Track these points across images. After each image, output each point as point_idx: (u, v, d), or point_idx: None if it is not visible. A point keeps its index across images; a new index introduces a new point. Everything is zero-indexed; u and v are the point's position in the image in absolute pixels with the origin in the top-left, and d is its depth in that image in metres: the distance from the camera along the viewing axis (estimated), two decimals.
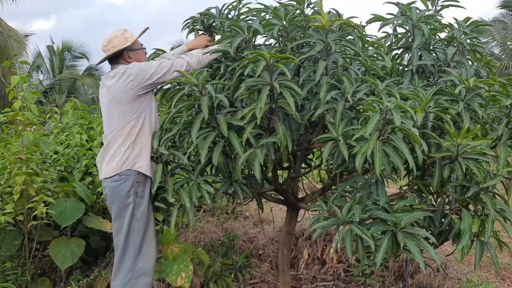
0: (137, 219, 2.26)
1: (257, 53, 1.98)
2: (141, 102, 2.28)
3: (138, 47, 2.42)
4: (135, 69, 2.25)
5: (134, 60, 2.37)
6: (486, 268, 3.76)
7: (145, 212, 2.28)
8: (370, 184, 2.01)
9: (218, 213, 4.63)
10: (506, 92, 2.03)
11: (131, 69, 2.25)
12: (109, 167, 2.25)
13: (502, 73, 13.56)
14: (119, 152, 2.23)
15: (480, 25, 2.42)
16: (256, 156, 2.03)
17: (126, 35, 2.38)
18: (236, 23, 2.28)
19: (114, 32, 2.39)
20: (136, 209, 2.26)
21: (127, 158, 2.23)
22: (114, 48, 2.34)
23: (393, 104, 1.75)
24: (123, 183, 2.22)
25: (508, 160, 1.98)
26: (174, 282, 2.57)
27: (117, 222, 2.28)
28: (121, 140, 2.24)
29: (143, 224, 2.28)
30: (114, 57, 2.36)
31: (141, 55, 2.44)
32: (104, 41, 2.38)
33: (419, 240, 1.80)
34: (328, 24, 1.99)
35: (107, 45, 2.35)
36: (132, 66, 2.27)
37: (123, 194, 2.22)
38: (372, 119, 1.77)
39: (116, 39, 2.35)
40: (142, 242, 2.29)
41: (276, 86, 1.92)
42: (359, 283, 3.32)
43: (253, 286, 3.23)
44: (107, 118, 2.33)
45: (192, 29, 2.64)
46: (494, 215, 1.88)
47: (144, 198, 2.28)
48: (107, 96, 2.30)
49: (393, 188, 3.18)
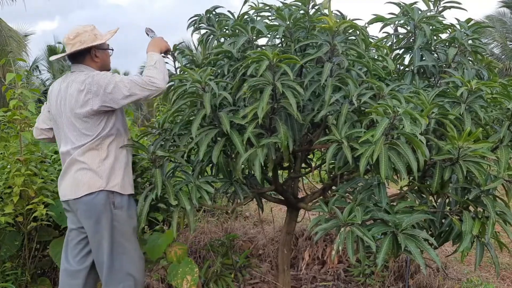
0: (118, 231, 2.08)
1: (260, 52, 1.97)
2: (107, 114, 2.06)
3: (106, 47, 2.22)
4: (94, 88, 2.00)
5: (100, 60, 2.17)
6: (486, 268, 3.76)
7: (126, 223, 2.10)
8: (372, 185, 2.01)
9: (218, 213, 4.63)
10: (508, 93, 2.03)
11: (90, 86, 2.01)
12: (75, 190, 2.04)
13: (504, 74, 13.56)
14: (86, 173, 2.02)
15: (482, 27, 2.41)
16: (257, 155, 2.02)
17: (95, 31, 2.15)
18: (240, 23, 2.27)
19: (82, 26, 2.14)
20: (115, 221, 2.06)
21: (99, 178, 2.02)
22: (81, 43, 2.08)
23: (402, 110, 1.74)
24: (97, 195, 2.02)
25: (510, 162, 1.98)
26: (179, 285, 2.50)
27: (96, 238, 2.06)
28: (88, 157, 2.04)
29: (127, 236, 2.12)
30: (77, 54, 2.12)
31: (108, 56, 2.24)
32: (69, 33, 2.11)
33: (419, 242, 1.80)
34: (335, 26, 1.98)
35: (74, 39, 2.09)
36: (92, 82, 2.01)
37: (99, 207, 2.02)
38: (381, 124, 1.75)
39: (85, 34, 2.10)
40: (128, 253, 2.12)
41: (278, 86, 1.92)
42: (359, 283, 3.32)
43: (253, 286, 3.23)
44: (67, 131, 2.08)
45: (198, 27, 2.61)
46: (495, 217, 1.89)
47: (123, 208, 2.09)
48: (69, 104, 2.05)
49: (393, 189, 3.18)
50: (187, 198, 2.13)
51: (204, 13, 2.57)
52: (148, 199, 2.14)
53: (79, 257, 2.19)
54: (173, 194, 2.12)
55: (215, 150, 2.10)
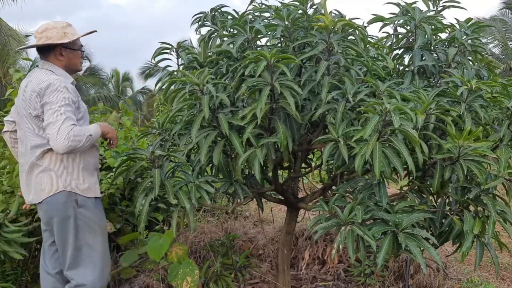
0: (83, 231, 2.04)
1: (258, 53, 1.98)
2: None
3: (76, 47, 2.13)
4: (43, 97, 1.92)
5: (65, 60, 2.10)
6: (486, 268, 3.76)
7: (92, 222, 2.06)
8: (372, 185, 2.01)
9: (218, 213, 4.63)
10: (507, 93, 2.03)
11: (42, 91, 1.92)
12: (38, 194, 2.01)
13: (506, 74, 13.57)
14: (46, 175, 1.99)
15: (481, 26, 2.41)
16: (256, 156, 2.03)
17: (67, 30, 2.08)
18: (239, 23, 2.27)
19: (55, 22, 2.10)
20: (79, 220, 2.02)
21: (58, 179, 1.98)
22: (47, 39, 2.04)
23: (392, 106, 1.75)
24: (57, 195, 1.99)
25: (509, 161, 1.98)
26: (179, 286, 2.51)
27: (61, 238, 2.03)
28: (46, 160, 1.99)
29: (93, 235, 2.07)
30: (43, 48, 2.08)
31: (76, 56, 2.15)
32: (40, 27, 2.08)
33: (420, 241, 1.80)
34: (331, 25, 1.99)
35: (41, 33, 2.05)
36: (45, 89, 1.92)
37: (60, 206, 1.99)
38: (371, 121, 1.77)
39: (54, 30, 2.05)
40: (93, 252, 2.08)
41: (276, 86, 1.92)
42: (359, 283, 3.32)
43: (253, 286, 3.23)
44: (26, 130, 2.02)
45: (202, 25, 2.61)
46: (495, 216, 1.89)
47: (87, 208, 2.05)
48: (24, 104, 2.00)
49: (393, 189, 3.17)
50: (187, 198, 2.13)
51: (209, 11, 2.56)
52: (148, 199, 2.13)
53: (53, 260, 2.21)
54: (173, 193, 2.12)
55: (215, 152, 2.10)
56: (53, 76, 2.01)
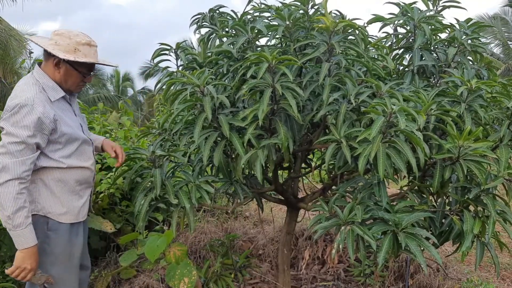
0: (47, 256, 1.80)
1: (259, 54, 1.97)
2: None
3: (79, 69, 1.85)
4: (3, 117, 1.70)
5: (60, 75, 1.84)
6: (486, 268, 3.76)
7: (60, 248, 1.83)
8: (372, 184, 2.01)
9: (218, 213, 4.63)
10: (507, 93, 2.03)
11: (12, 103, 1.69)
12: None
13: (506, 74, 13.58)
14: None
15: (481, 26, 2.41)
16: (258, 157, 2.03)
17: (81, 47, 1.82)
18: (239, 23, 2.27)
19: (79, 33, 1.86)
20: (46, 244, 1.80)
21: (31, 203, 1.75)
22: (55, 45, 1.80)
23: (398, 107, 1.75)
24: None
25: (510, 161, 1.98)
26: (176, 287, 2.48)
27: None
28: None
29: (57, 263, 1.83)
30: (45, 51, 1.83)
31: (74, 78, 1.87)
32: (61, 29, 1.87)
33: (420, 240, 1.80)
34: (332, 26, 1.99)
35: (55, 36, 1.83)
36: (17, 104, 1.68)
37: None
38: (377, 122, 1.76)
39: (67, 40, 1.81)
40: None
41: (278, 88, 1.92)
42: (359, 283, 3.32)
43: (253, 286, 3.23)
44: None
45: (200, 25, 2.61)
46: (495, 216, 1.89)
47: (58, 232, 1.83)
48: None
49: (394, 188, 3.17)
50: (187, 198, 2.13)
51: (207, 12, 2.57)
52: (147, 199, 2.14)
53: None
54: (173, 193, 2.12)
55: (216, 152, 2.10)
56: (32, 92, 1.74)
